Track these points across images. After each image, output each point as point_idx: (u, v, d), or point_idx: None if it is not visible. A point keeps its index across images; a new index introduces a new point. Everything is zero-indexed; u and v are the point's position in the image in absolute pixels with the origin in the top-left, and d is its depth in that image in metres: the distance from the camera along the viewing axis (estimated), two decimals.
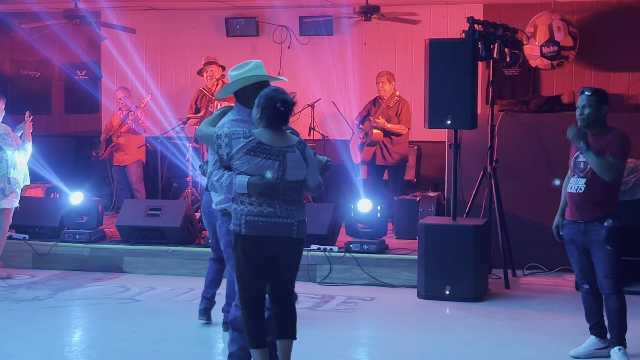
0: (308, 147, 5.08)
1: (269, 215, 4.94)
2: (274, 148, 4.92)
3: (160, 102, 11.52)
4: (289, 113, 4.97)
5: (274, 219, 4.94)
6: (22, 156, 8.49)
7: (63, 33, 11.87)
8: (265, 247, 4.97)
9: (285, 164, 4.93)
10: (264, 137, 4.92)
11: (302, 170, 5.00)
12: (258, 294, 5.04)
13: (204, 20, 12.10)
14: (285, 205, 4.96)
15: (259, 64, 5.34)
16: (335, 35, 11.61)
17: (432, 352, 6.33)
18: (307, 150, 5.04)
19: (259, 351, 5.01)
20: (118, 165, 11.43)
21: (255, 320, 5.01)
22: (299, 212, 5.01)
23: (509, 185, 8.86)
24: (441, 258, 7.82)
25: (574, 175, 5.93)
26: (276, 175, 4.91)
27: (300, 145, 5.01)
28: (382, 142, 10.17)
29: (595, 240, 5.83)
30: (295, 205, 5.00)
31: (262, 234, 4.94)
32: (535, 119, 9.25)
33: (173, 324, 6.90)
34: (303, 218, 5.03)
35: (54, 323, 7.05)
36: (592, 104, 5.83)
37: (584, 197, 5.83)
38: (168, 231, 9.07)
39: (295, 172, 4.97)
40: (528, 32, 9.95)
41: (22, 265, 9.20)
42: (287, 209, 4.96)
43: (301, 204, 5.05)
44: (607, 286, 5.82)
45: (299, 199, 5.03)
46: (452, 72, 7.85)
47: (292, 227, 4.97)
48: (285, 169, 4.93)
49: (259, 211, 4.93)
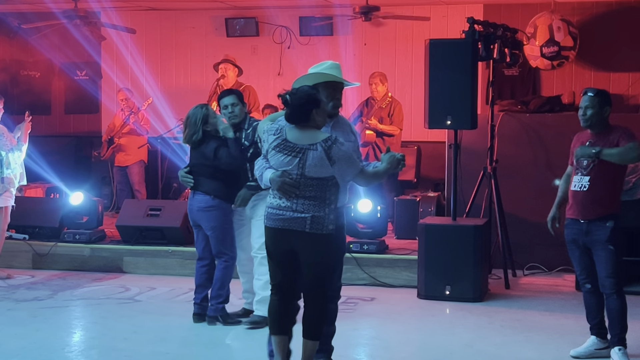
0: (337, 147, 5.02)
1: (286, 209, 5.07)
2: (297, 145, 5.03)
3: (160, 102, 11.52)
4: (305, 112, 5.03)
5: (289, 212, 5.06)
6: (17, 156, 8.50)
7: (63, 33, 11.87)
8: (282, 241, 5.10)
9: (306, 161, 5.01)
10: (289, 135, 5.07)
11: (324, 169, 5.03)
12: (284, 285, 5.18)
13: (204, 20, 12.11)
14: (305, 200, 5.04)
15: (334, 65, 5.47)
16: (335, 35, 11.62)
17: (432, 352, 6.33)
18: (334, 149, 5.01)
19: (275, 337, 5.19)
20: (119, 165, 11.43)
21: (277, 309, 5.18)
22: (317, 207, 5.04)
23: (509, 185, 8.86)
24: (441, 258, 7.81)
25: (577, 173, 5.92)
26: (296, 172, 5.03)
27: (326, 143, 5.02)
28: (375, 142, 10.16)
29: (597, 240, 5.83)
30: (315, 201, 5.04)
31: (278, 226, 5.09)
32: (535, 119, 9.25)
33: (173, 324, 6.90)
34: (320, 213, 5.03)
35: (54, 323, 7.05)
36: (594, 104, 5.84)
37: (587, 195, 5.84)
38: (168, 231, 9.07)
39: (316, 170, 5.03)
40: (528, 32, 9.95)
41: (22, 265, 9.21)
42: (304, 204, 5.04)
43: (322, 200, 5.06)
44: (609, 286, 5.82)
45: (320, 195, 5.06)
46: (452, 72, 7.85)
47: (306, 221, 5.03)
48: (305, 166, 5.02)
49: (278, 204, 5.10)
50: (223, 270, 6.82)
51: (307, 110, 5.04)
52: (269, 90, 11.57)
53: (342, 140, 5.10)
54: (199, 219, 6.86)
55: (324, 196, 5.07)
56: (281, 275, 5.17)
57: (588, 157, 5.80)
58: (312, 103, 5.06)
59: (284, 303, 5.19)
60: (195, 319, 6.93)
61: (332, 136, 5.08)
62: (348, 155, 5.08)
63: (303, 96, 5.04)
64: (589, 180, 5.84)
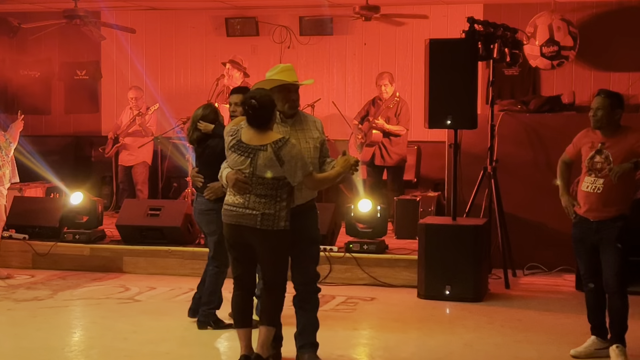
0: (287, 148, 5.26)
1: (239, 206, 5.37)
2: (249, 146, 5.32)
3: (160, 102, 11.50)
4: (259, 115, 5.31)
5: (242, 209, 5.36)
6: (4, 155, 8.50)
7: (63, 33, 11.87)
8: (237, 235, 5.41)
9: (256, 161, 5.29)
10: (244, 136, 5.37)
11: (274, 169, 5.28)
12: (243, 280, 5.53)
13: (204, 20, 12.11)
14: (257, 198, 5.33)
15: (286, 67, 5.64)
16: (335, 35, 11.62)
17: (432, 352, 6.32)
18: (283, 150, 5.25)
19: (239, 330, 5.55)
20: (123, 165, 11.41)
21: (238, 303, 5.56)
22: (267, 205, 5.31)
23: (509, 185, 8.86)
24: (441, 258, 7.81)
25: (590, 175, 5.90)
26: (248, 171, 5.32)
27: (276, 144, 5.26)
28: (381, 142, 10.19)
29: (606, 239, 5.83)
30: (265, 198, 5.32)
31: (231, 222, 5.41)
32: (535, 119, 9.25)
33: (173, 324, 6.90)
34: (270, 211, 5.31)
35: (54, 323, 7.05)
36: (605, 106, 5.85)
37: (601, 197, 5.83)
38: (168, 231, 9.07)
39: (266, 169, 5.29)
40: (528, 32, 9.95)
41: (22, 265, 9.20)
42: (256, 201, 5.33)
43: (273, 198, 5.33)
44: (613, 284, 5.82)
45: (271, 193, 5.33)
46: (452, 72, 7.85)
47: (257, 218, 5.30)
48: (255, 166, 5.30)
49: (232, 201, 5.41)
50: (214, 276, 6.75)
51: (270, 113, 5.33)
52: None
53: (293, 142, 5.33)
54: (199, 221, 6.85)
55: (275, 194, 5.34)
56: (240, 268, 5.52)
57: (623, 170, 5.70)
58: (274, 106, 5.36)
59: (245, 296, 5.56)
60: (190, 313, 6.92)
61: (285, 138, 5.32)
62: (299, 157, 5.30)
63: (267, 100, 5.31)
64: (603, 183, 5.83)
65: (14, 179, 8.74)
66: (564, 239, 6.28)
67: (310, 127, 5.65)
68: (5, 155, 8.54)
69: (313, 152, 5.60)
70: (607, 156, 5.82)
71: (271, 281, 5.47)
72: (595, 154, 5.88)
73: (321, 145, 5.67)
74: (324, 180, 5.55)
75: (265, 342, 5.45)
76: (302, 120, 5.66)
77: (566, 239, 6.40)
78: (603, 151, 5.84)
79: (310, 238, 5.72)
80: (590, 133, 5.99)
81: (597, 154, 5.86)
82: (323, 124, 5.83)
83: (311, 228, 5.72)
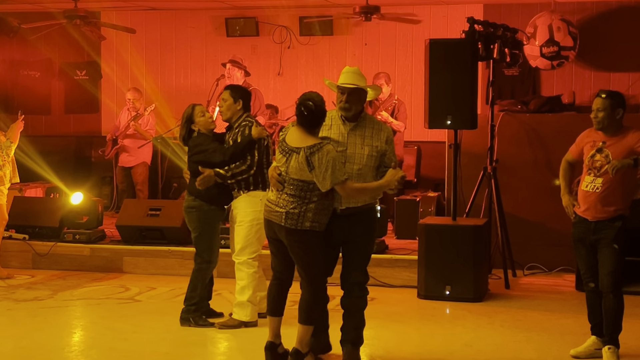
0: (320, 154, 5.33)
1: (272, 202, 5.57)
2: (288, 146, 5.47)
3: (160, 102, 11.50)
4: (311, 118, 5.42)
5: (273, 205, 5.55)
6: (5, 155, 8.50)
7: (63, 33, 11.87)
8: (270, 231, 5.61)
9: (290, 162, 5.43)
10: (289, 135, 5.52)
11: (303, 172, 5.39)
12: (278, 271, 5.71)
13: (204, 20, 12.11)
14: (287, 197, 5.47)
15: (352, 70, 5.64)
16: (335, 35, 11.62)
17: (432, 352, 6.32)
18: (316, 156, 5.33)
19: (270, 318, 5.72)
20: (123, 166, 11.40)
21: (271, 292, 5.73)
22: (295, 205, 5.43)
23: (509, 185, 8.86)
24: (441, 258, 7.81)
25: (590, 174, 5.91)
26: (283, 169, 5.48)
27: (309, 149, 5.36)
28: None
29: (604, 238, 5.83)
30: (295, 199, 5.44)
31: (266, 217, 5.62)
32: (535, 119, 9.26)
33: (173, 324, 6.89)
34: (295, 210, 5.42)
35: (54, 323, 7.05)
36: (606, 107, 5.83)
37: (600, 196, 5.83)
38: (168, 231, 9.07)
39: (296, 172, 5.42)
40: (528, 32, 9.95)
41: (22, 265, 9.20)
42: (286, 200, 5.47)
43: (302, 199, 5.43)
44: (607, 284, 5.82)
45: (301, 195, 5.43)
46: (452, 72, 7.85)
47: (282, 215, 5.45)
48: (288, 167, 5.45)
49: (269, 197, 5.64)
50: (195, 273, 6.76)
51: (321, 118, 5.46)
52: (269, 90, 11.60)
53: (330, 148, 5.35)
54: (185, 219, 6.87)
55: (304, 196, 5.44)
56: (276, 260, 5.71)
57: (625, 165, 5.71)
58: (325, 112, 5.48)
59: (279, 287, 5.71)
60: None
61: (321, 143, 5.36)
62: (330, 164, 5.32)
63: (323, 105, 5.43)
64: (602, 182, 5.83)
65: (15, 179, 8.74)
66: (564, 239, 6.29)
67: (373, 135, 5.55)
68: (6, 155, 8.54)
69: (367, 159, 5.50)
70: (607, 155, 5.81)
71: (303, 279, 5.57)
72: (595, 152, 5.88)
73: (380, 155, 5.56)
74: (361, 190, 5.46)
75: (303, 338, 5.55)
76: (365, 126, 5.57)
77: (566, 239, 6.41)
78: (603, 150, 5.84)
79: (355, 242, 5.61)
80: (593, 132, 5.99)
81: (598, 152, 5.86)
82: None
83: (358, 233, 5.59)
